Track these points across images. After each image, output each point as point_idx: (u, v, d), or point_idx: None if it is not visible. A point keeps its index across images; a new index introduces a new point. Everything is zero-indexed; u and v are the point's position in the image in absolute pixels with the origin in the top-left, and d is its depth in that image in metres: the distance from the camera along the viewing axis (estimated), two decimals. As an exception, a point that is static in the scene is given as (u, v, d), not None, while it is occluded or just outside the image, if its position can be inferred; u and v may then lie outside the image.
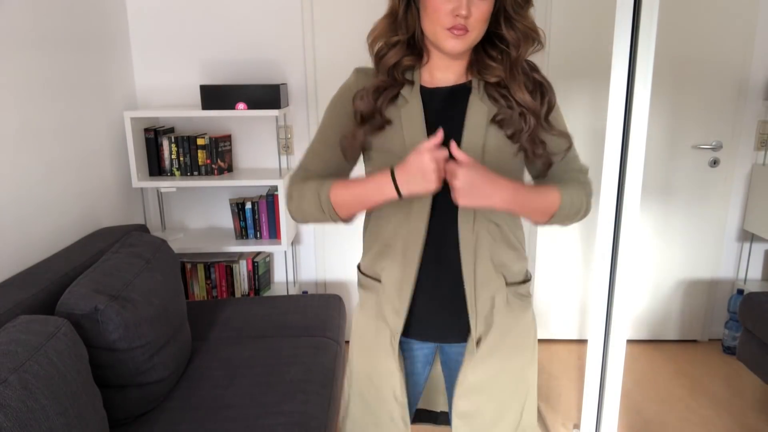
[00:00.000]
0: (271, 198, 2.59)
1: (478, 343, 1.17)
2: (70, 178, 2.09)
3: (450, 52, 1.05)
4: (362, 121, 1.10)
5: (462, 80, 1.13)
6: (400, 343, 1.20)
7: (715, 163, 2.79)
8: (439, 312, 1.18)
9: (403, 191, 1.02)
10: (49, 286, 1.60)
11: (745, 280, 2.92)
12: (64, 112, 2.07)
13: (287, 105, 2.64)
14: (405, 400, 1.23)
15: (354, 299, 2.94)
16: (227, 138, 2.64)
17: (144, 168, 2.56)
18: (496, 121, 1.08)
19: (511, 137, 1.08)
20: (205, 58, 2.65)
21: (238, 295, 2.74)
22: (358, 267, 1.29)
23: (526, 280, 1.25)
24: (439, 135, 1.00)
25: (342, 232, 2.88)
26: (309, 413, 1.63)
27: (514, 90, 1.06)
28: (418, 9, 1.07)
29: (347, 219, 1.13)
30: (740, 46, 2.66)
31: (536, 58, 1.13)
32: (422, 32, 1.08)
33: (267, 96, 2.43)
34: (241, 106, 2.43)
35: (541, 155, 1.11)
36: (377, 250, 1.19)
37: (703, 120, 2.75)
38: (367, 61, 1.14)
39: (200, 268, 2.72)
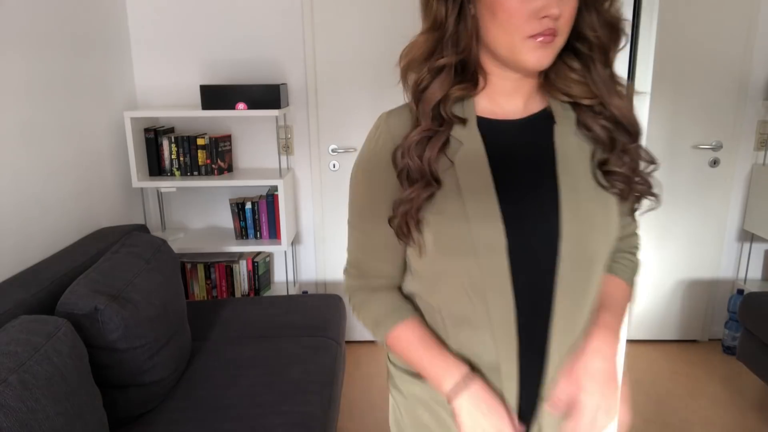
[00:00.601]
0: (271, 198, 2.59)
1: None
2: (70, 178, 2.09)
3: (534, 67, 0.76)
4: (412, 184, 0.80)
5: (536, 108, 0.85)
6: None
7: (715, 163, 2.79)
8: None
9: (455, 408, 0.81)
10: (49, 286, 1.60)
11: (745, 280, 2.92)
12: (64, 112, 2.07)
13: (287, 105, 2.64)
14: None
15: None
16: (227, 138, 2.64)
17: (144, 168, 2.56)
18: (599, 165, 0.83)
19: (622, 183, 0.83)
20: (205, 58, 2.65)
21: (238, 295, 2.74)
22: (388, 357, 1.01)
23: None
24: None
25: (342, 232, 2.88)
26: (309, 413, 1.63)
27: (613, 101, 0.81)
28: (474, 18, 0.77)
29: None
30: (740, 46, 2.66)
31: None
32: (479, 50, 0.80)
33: (267, 96, 2.43)
34: (241, 106, 2.43)
35: (633, 193, 0.87)
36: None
37: (703, 120, 2.75)
38: (368, 63, 0.92)
39: (200, 268, 2.72)
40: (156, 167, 2.57)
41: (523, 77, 0.82)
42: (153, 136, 2.54)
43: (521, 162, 0.82)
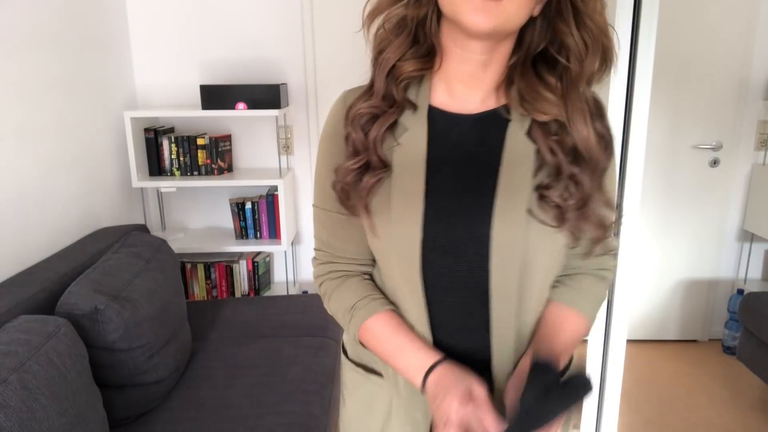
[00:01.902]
0: (271, 198, 2.59)
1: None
2: (70, 178, 2.09)
3: (474, 29, 0.69)
4: (361, 164, 0.79)
5: (492, 104, 0.79)
6: None
7: (715, 163, 2.79)
8: None
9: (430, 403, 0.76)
10: (49, 286, 1.60)
11: (745, 280, 2.92)
12: (64, 111, 2.06)
13: (287, 105, 2.64)
14: None
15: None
16: (227, 138, 2.64)
17: (144, 168, 2.56)
18: (538, 189, 0.75)
19: (555, 212, 0.75)
20: (205, 58, 2.64)
21: (238, 295, 2.74)
22: (343, 348, 0.99)
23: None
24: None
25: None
26: (309, 413, 1.63)
27: (577, 124, 0.74)
28: None
29: None
30: (740, 46, 2.66)
31: None
32: (437, 17, 0.75)
33: (267, 96, 2.43)
34: (241, 106, 2.43)
35: (585, 237, 0.79)
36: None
37: (703, 120, 2.75)
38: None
39: (200, 268, 2.72)
40: (156, 167, 2.57)
41: (486, 62, 0.76)
42: (153, 136, 2.54)
43: (465, 159, 0.78)
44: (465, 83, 0.78)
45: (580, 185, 0.74)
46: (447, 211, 0.76)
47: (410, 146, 0.78)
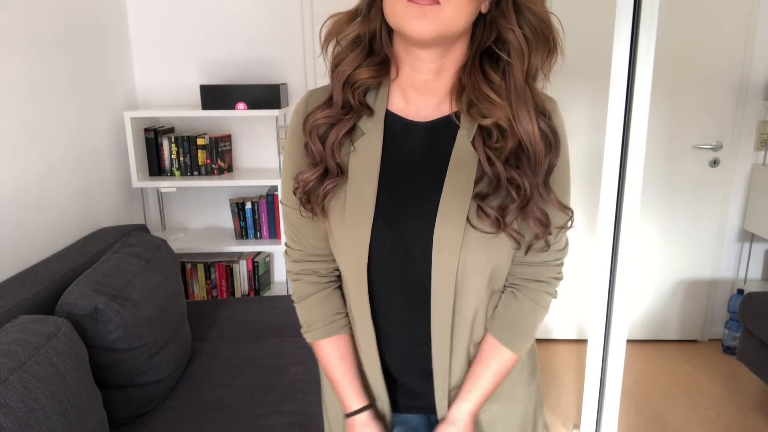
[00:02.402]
0: (271, 198, 2.59)
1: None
2: (70, 178, 2.09)
3: (416, 36, 0.70)
4: (319, 173, 0.82)
5: (447, 110, 0.81)
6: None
7: (715, 163, 2.79)
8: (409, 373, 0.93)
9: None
10: (49, 286, 1.60)
11: (745, 280, 2.92)
12: (64, 111, 2.07)
13: (287, 105, 2.64)
14: None
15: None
16: (227, 138, 2.64)
17: (144, 168, 2.56)
18: (477, 196, 0.77)
19: (496, 214, 0.76)
20: (205, 58, 2.65)
21: (238, 295, 2.74)
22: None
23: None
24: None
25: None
26: (309, 413, 1.63)
27: (521, 119, 0.75)
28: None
29: None
30: (740, 46, 2.66)
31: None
32: (388, 31, 0.79)
33: (267, 96, 2.43)
34: (241, 106, 2.43)
35: (531, 243, 0.81)
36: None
37: (703, 120, 2.75)
38: None
39: (200, 268, 2.72)
40: (156, 167, 2.57)
41: (437, 69, 0.78)
42: (153, 136, 2.54)
43: (416, 165, 0.81)
44: (418, 90, 0.81)
45: (521, 188, 0.76)
46: (396, 215, 0.81)
47: (366, 151, 0.81)
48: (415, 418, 0.97)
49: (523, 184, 0.76)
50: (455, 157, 0.79)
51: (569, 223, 0.84)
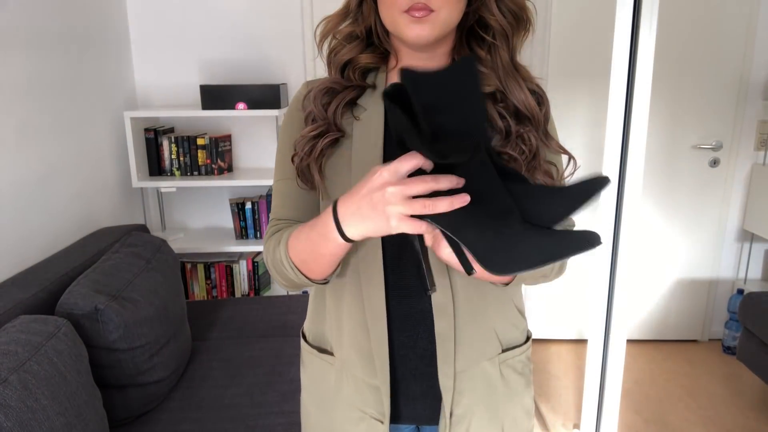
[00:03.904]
0: (271, 198, 2.59)
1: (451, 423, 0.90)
2: (70, 178, 2.09)
3: (414, 41, 0.79)
4: (319, 130, 0.85)
5: None
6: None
7: (715, 163, 2.79)
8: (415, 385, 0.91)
9: (348, 232, 0.72)
10: (49, 286, 1.60)
11: (745, 280, 2.92)
12: (64, 111, 2.07)
13: (287, 105, 2.64)
14: None
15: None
16: (227, 138, 2.64)
17: (144, 168, 2.56)
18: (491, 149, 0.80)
19: (513, 165, 0.82)
20: (205, 58, 2.65)
21: (238, 295, 2.74)
22: (303, 335, 1.02)
23: (526, 340, 0.97)
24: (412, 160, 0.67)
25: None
26: (309, 413, 1.63)
27: (513, 91, 0.83)
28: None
29: (320, 280, 0.86)
30: (740, 46, 2.66)
31: (537, 60, 0.98)
32: (384, 27, 0.86)
33: (267, 96, 2.43)
34: (241, 106, 2.43)
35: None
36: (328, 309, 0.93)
37: (703, 120, 2.75)
38: None
39: (200, 268, 2.72)
40: (156, 167, 2.57)
41: (429, 56, 0.86)
42: (153, 136, 2.54)
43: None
44: None
45: (528, 141, 0.82)
46: None
47: (369, 122, 0.86)
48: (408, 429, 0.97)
49: (529, 138, 0.82)
50: None
51: (573, 166, 0.87)
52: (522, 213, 0.64)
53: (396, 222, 0.66)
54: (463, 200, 0.64)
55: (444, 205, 0.64)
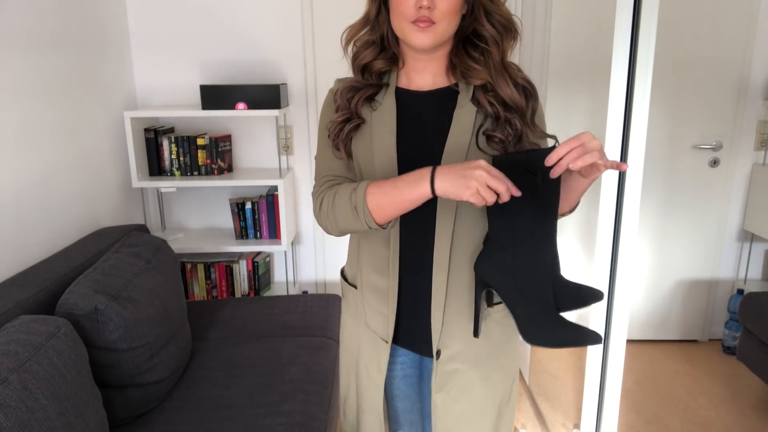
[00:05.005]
0: (271, 198, 2.59)
1: (438, 357, 1.13)
2: (70, 178, 2.09)
3: (418, 46, 1.02)
4: (344, 117, 1.10)
5: (443, 84, 1.10)
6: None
7: (715, 163, 2.79)
8: (418, 319, 1.15)
9: (437, 185, 0.94)
10: (49, 286, 1.60)
11: (745, 280, 2.92)
12: (64, 112, 2.07)
13: (287, 105, 2.64)
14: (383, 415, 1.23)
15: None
16: (227, 138, 2.64)
17: (144, 168, 2.56)
18: (484, 133, 1.05)
19: (500, 145, 1.04)
20: (205, 58, 2.65)
21: (238, 295, 2.74)
22: (342, 273, 1.29)
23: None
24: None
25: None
26: (309, 413, 1.63)
27: (501, 86, 1.03)
28: (388, 9, 1.06)
29: (383, 224, 1.04)
30: (740, 46, 2.66)
31: (537, 60, 1.11)
32: (394, 34, 1.07)
33: (267, 96, 2.43)
34: (241, 106, 2.43)
35: None
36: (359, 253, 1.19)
37: (703, 120, 2.75)
38: None
39: (200, 268, 2.72)
40: (156, 167, 2.57)
41: (428, 58, 1.08)
42: (153, 136, 2.54)
43: (423, 122, 1.08)
44: (419, 72, 1.11)
45: (514, 125, 1.04)
46: (412, 149, 1.07)
47: (384, 112, 1.10)
48: (410, 354, 1.20)
49: (515, 123, 1.04)
50: (457, 114, 1.06)
51: (556, 143, 0.99)
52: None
53: (470, 193, 0.90)
54: (516, 192, 0.91)
55: (503, 189, 0.89)
